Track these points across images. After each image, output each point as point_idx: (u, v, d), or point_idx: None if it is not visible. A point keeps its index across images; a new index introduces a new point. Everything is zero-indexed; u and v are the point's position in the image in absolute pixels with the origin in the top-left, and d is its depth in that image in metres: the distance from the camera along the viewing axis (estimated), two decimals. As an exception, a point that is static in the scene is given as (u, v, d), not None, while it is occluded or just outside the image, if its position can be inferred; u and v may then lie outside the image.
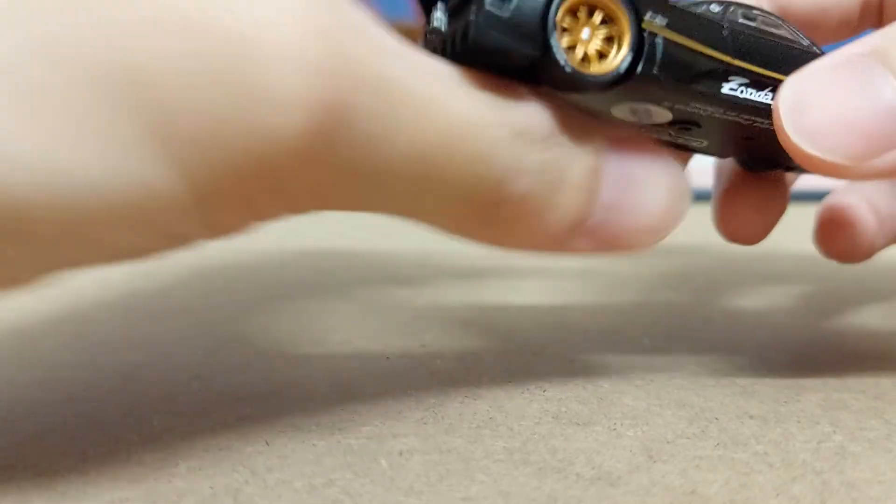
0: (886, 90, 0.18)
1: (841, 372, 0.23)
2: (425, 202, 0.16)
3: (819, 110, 0.18)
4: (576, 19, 0.17)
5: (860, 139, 0.18)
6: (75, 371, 0.23)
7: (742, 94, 0.18)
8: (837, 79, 0.18)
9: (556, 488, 0.16)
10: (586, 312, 0.31)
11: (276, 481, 0.16)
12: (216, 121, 0.13)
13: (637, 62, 0.17)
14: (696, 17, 0.18)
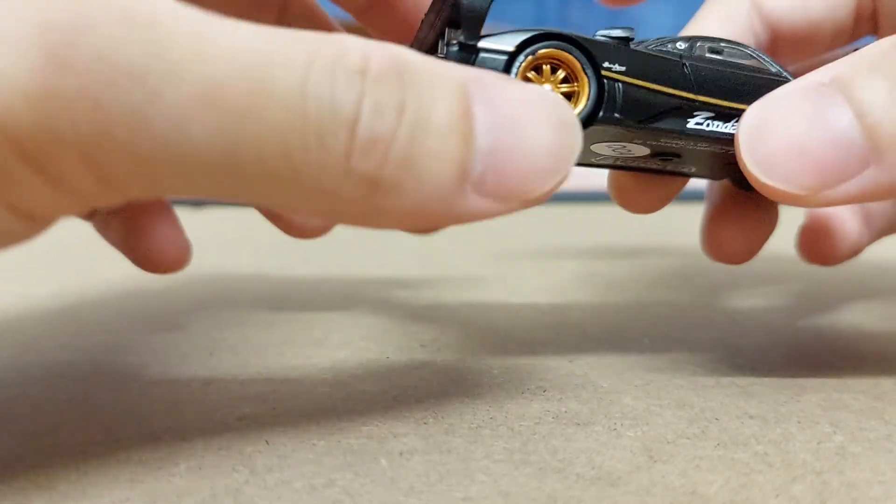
0: (842, 120, 0.17)
1: (841, 372, 0.23)
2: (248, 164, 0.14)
3: (775, 139, 0.18)
4: (539, 75, 0.18)
5: (813, 170, 0.17)
6: (75, 371, 0.23)
7: (708, 127, 0.19)
8: (795, 107, 0.18)
9: (557, 488, 0.16)
10: (586, 312, 0.31)
11: (276, 481, 0.16)
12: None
13: (598, 108, 0.18)
14: (656, 58, 0.19)
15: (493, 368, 0.23)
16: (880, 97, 0.17)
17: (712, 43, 0.20)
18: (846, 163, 0.17)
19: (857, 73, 0.17)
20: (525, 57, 0.18)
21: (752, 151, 0.18)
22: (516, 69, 0.18)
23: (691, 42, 0.20)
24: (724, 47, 0.20)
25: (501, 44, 0.18)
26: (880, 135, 0.17)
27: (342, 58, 0.14)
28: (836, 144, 0.17)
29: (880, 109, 0.17)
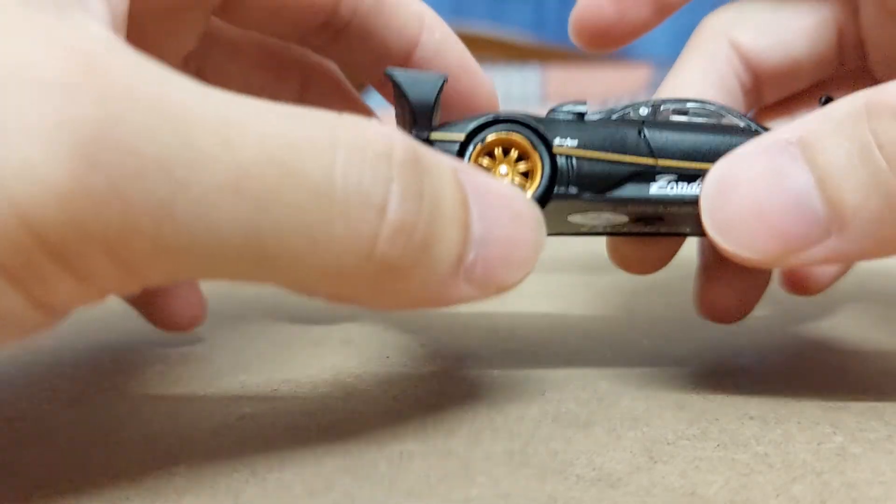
0: (803, 186, 0.17)
1: (841, 373, 0.23)
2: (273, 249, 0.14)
3: (735, 204, 0.17)
4: (493, 159, 0.19)
5: (774, 237, 0.17)
6: (76, 371, 0.23)
7: (673, 190, 0.19)
8: (756, 168, 0.17)
9: (557, 490, 0.16)
10: (586, 313, 0.31)
11: (277, 482, 0.16)
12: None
13: (553, 185, 0.19)
14: (609, 128, 0.19)
15: (493, 370, 0.23)
16: (842, 164, 0.16)
17: (679, 104, 0.20)
18: (807, 230, 0.17)
19: (821, 136, 0.17)
20: (474, 146, 0.19)
21: (712, 215, 0.17)
22: (468, 158, 0.19)
23: (655, 106, 0.20)
24: (689, 107, 0.20)
25: (452, 134, 0.19)
26: (842, 205, 0.16)
27: (368, 142, 0.14)
28: (797, 211, 0.17)
29: (842, 177, 0.16)
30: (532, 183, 0.19)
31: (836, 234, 0.17)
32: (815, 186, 0.17)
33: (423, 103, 0.19)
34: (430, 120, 0.19)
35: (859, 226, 0.16)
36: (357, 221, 0.14)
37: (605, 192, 0.19)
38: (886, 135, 0.16)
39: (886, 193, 0.16)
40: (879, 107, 0.16)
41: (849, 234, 0.17)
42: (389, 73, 0.19)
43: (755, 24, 0.25)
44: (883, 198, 0.16)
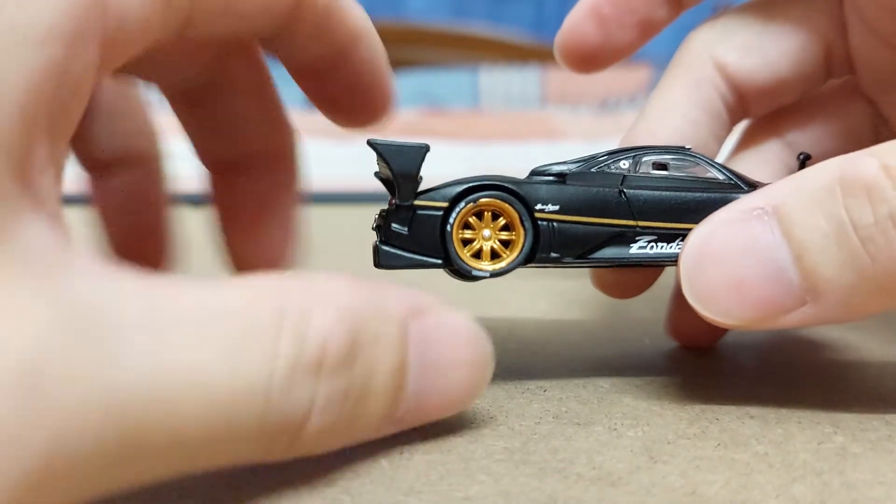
0: (780, 259, 0.17)
1: (842, 372, 0.23)
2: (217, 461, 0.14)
3: (713, 275, 0.18)
4: (480, 220, 0.19)
5: (751, 306, 0.18)
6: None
7: (652, 250, 0.20)
8: (732, 239, 0.18)
9: (557, 488, 0.16)
10: (586, 312, 0.31)
11: (277, 481, 0.16)
12: None
13: (534, 252, 0.19)
14: (590, 191, 0.20)
15: (494, 368, 0.23)
16: (818, 239, 0.17)
17: (659, 156, 0.21)
18: (783, 300, 0.17)
19: (797, 209, 0.17)
20: (465, 204, 0.19)
21: (691, 285, 0.18)
22: (453, 222, 0.19)
23: (636, 158, 0.20)
24: (669, 160, 0.20)
25: (436, 201, 0.19)
26: (817, 278, 0.17)
27: (302, 353, 0.14)
28: (774, 282, 0.17)
29: (818, 252, 0.17)
30: (514, 250, 0.20)
31: (811, 303, 0.17)
32: (791, 260, 0.17)
33: (407, 173, 0.19)
34: (414, 188, 0.19)
35: (833, 297, 0.17)
36: (276, 441, 0.15)
37: (585, 255, 0.20)
38: (861, 217, 0.17)
39: (860, 270, 0.17)
40: (854, 184, 0.17)
41: (823, 304, 0.17)
42: (371, 143, 0.19)
43: (740, 44, 0.25)
44: (856, 274, 0.17)
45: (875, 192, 0.16)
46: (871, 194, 0.16)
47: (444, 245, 0.19)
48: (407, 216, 0.19)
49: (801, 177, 0.18)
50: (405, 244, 0.19)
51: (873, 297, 0.17)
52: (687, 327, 0.25)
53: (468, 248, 0.19)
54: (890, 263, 0.16)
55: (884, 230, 0.16)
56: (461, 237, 0.19)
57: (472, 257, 0.19)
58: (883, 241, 0.16)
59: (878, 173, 0.16)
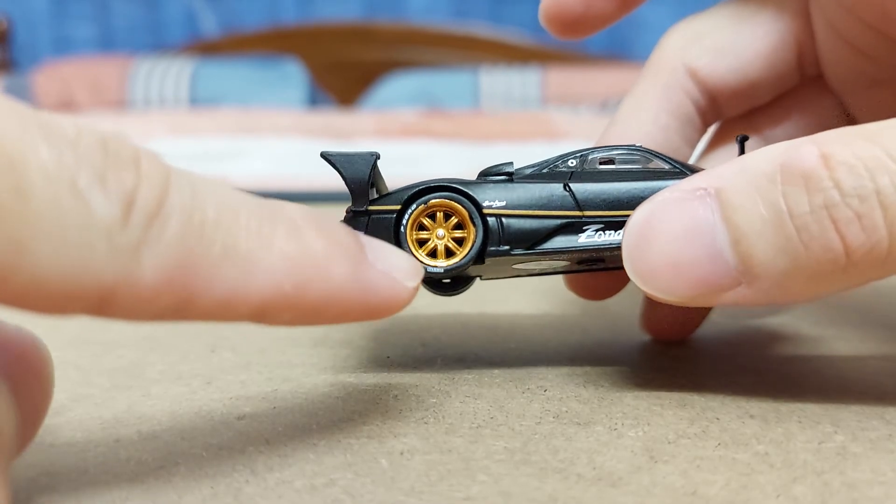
0: (718, 241, 0.18)
1: (842, 372, 0.23)
2: None
3: (654, 254, 0.18)
4: (433, 221, 0.20)
5: (690, 284, 0.18)
6: (75, 371, 0.23)
7: (600, 238, 0.20)
8: (673, 219, 0.18)
9: (558, 488, 0.16)
10: (586, 311, 0.31)
11: (277, 481, 0.16)
12: None
13: (485, 245, 0.20)
14: (535, 186, 0.21)
15: (494, 368, 0.23)
16: (756, 225, 0.17)
17: (606, 153, 0.21)
18: (720, 279, 0.18)
19: (739, 192, 0.18)
20: (417, 206, 0.20)
21: (633, 264, 0.19)
22: (406, 222, 0.20)
23: (583, 157, 0.21)
24: (615, 156, 0.21)
25: (389, 205, 0.20)
26: (752, 262, 0.17)
27: None
28: (711, 262, 0.18)
29: (755, 237, 0.17)
30: (466, 246, 0.20)
31: (746, 284, 0.18)
32: (728, 243, 0.18)
33: (358, 180, 0.20)
34: (367, 194, 0.20)
35: (767, 280, 0.18)
36: None
37: (534, 246, 0.20)
38: (797, 205, 0.17)
39: (793, 256, 0.17)
40: (793, 172, 0.17)
41: (757, 287, 0.18)
42: (324, 155, 0.20)
43: (711, 47, 0.25)
44: (790, 260, 0.17)
45: (812, 182, 0.17)
46: (808, 183, 0.17)
47: (399, 246, 0.20)
48: (363, 221, 0.20)
49: (744, 161, 0.18)
50: None
51: (805, 283, 0.17)
52: (659, 321, 0.26)
53: (424, 247, 0.20)
54: (822, 252, 0.17)
55: (818, 219, 0.17)
56: (417, 238, 0.20)
57: (429, 256, 0.20)
58: (816, 229, 0.17)
59: (816, 163, 0.17)
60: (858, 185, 0.16)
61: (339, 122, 1.41)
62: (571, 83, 1.70)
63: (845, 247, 0.17)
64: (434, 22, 1.95)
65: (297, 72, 1.76)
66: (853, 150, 0.17)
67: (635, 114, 0.25)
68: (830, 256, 0.17)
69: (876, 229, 0.16)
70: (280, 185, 0.85)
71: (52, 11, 1.98)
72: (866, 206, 0.16)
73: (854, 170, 0.16)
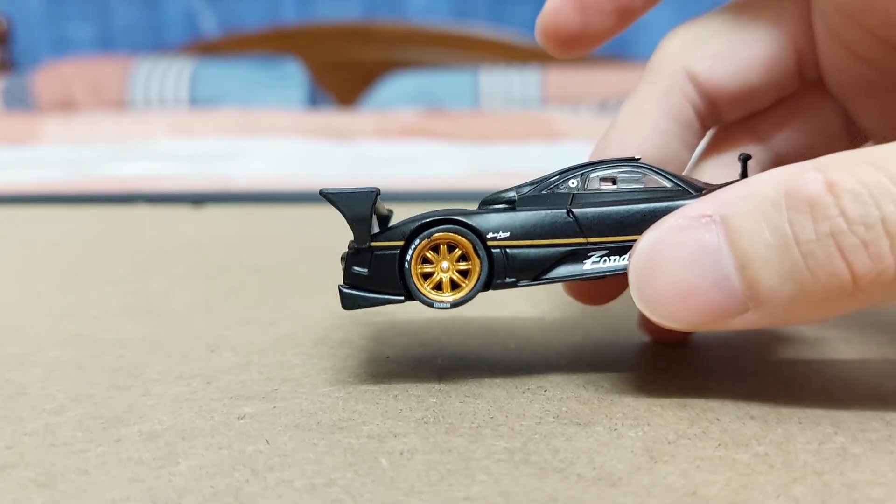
0: (724, 268, 0.18)
1: (843, 373, 0.23)
2: None
3: (661, 282, 0.18)
4: (437, 254, 0.20)
5: (697, 312, 0.18)
6: (76, 370, 0.23)
7: (605, 264, 0.20)
8: (679, 247, 0.18)
9: (558, 488, 0.16)
10: (586, 312, 0.31)
11: (277, 480, 0.16)
12: None
13: (491, 279, 0.20)
14: (539, 215, 0.20)
15: (494, 368, 0.23)
16: (761, 251, 0.17)
17: (606, 170, 0.21)
18: (727, 306, 0.18)
19: (743, 219, 0.18)
20: (421, 240, 0.20)
21: (639, 291, 0.19)
22: (410, 257, 0.20)
23: (583, 176, 0.21)
24: (616, 174, 0.21)
25: (391, 241, 0.20)
26: (759, 288, 0.18)
27: None
28: (718, 290, 0.18)
29: (761, 263, 0.17)
30: (471, 279, 0.20)
31: (754, 310, 0.18)
32: (735, 269, 0.18)
33: (360, 217, 0.20)
34: (369, 231, 0.20)
35: (774, 305, 0.18)
36: None
37: (540, 275, 0.20)
38: (803, 232, 0.17)
39: (800, 283, 0.17)
40: (799, 199, 0.17)
41: (764, 312, 0.18)
42: (323, 193, 0.20)
43: (711, 52, 0.25)
44: (796, 286, 0.17)
45: (818, 210, 0.17)
46: (814, 211, 0.17)
47: (404, 281, 0.20)
48: (366, 258, 0.20)
49: (749, 186, 0.18)
50: (367, 284, 0.20)
51: (812, 308, 0.18)
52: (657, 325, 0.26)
53: (429, 280, 0.20)
54: (828, 278, 0.17)
55: (824, 247, 0.17)
56: (421, 272, 0.20)
57: (434, 289, 0.20)
58: (822, 256, 0.17)
59: (821, 190, 0.17)
60: (864, 212, 0.16)
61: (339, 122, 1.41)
62: (571, 83, 1.70)
63: (852, 274, 0.17)
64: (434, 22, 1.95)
65: (297, 72, 1.76)
66: (858, 177, 0.17)
67: (635, 118, 0.25)
68: (837, 283, 0.17)
69: (882, 258, 0.17)
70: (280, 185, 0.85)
71: (51, 12, 1.98)
72: (872, 233, 0.16)
73: (860, 197, 0.17)
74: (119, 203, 0.75)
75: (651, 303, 0.19)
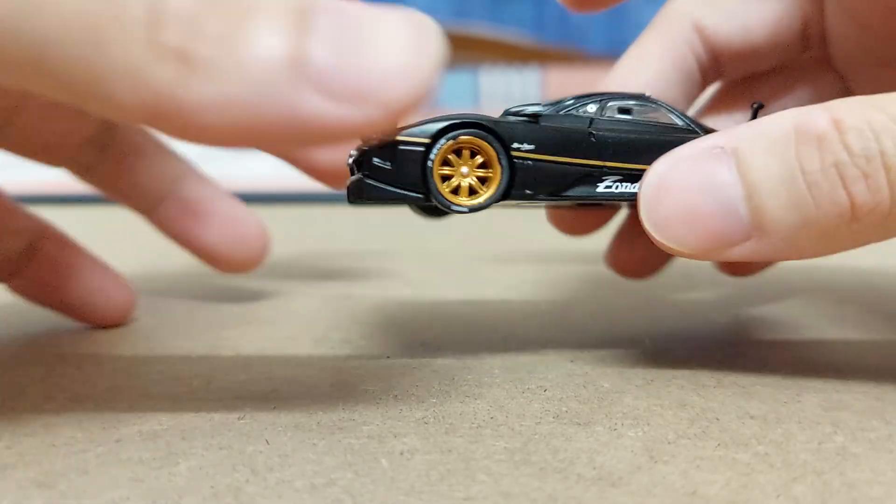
0: (732, 196, 0.19)
1: (842, 372, 0.23)
2: None
3: (670, 205, 0.19)
4: (459, 158, 0.20)
5: (702, 237, 0.19)
6: (76, 369, 0.23)
7: (617, 189, 0.21)
8: (691, 174, 0.19)
9: (558, 489, 0.16)
10: (586, 312, 0.31)
11: (277, 480, 0.16)
12: None
13: (510, 189, 0.20)
14: (563, 131, 0.20)
15: (494, 368, 0.23)
16: (770, 182, 0.18)
17: (623, 101, 0.22)
18: (731, 233, 0.19)
19: (755, 151, 0.18)
20: (446, 141, 0.20)
21: (649, 214, 0.19)
22: (434, 156, 0.20)
23: (602, 103, 0.21)
24: (633, 105, 0.22)
25: (417, 137, 0.20)
26: (764, 217, 0.18)
27: None
28: (725, 216, 0.19)
29: (768, 193, 0.18)
30: (490, 186, 0.20)
31: (756, 238, 0.19)
32: (742, 198, 0.18)
33: None
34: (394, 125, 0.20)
35: (777, 235, 0.18)
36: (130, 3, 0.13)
37: (556, 192, 0.20)
38: (809, 164, 0.18)
39: (804, 212, 0.18)
40: (807, 134, 0.18)
41: (767, 240, 0.19)
42: None
43: (721, 9, 0.26)
44: (800, 215, 0.18)
45: (824, 143, 0.18)
46: (821, 144, 0.18)
47: (424, 180, 0.20)
48: (390, 152, 0.20)
49: (760, 123, 0.19)
50: (387, 178, 0.20)
51: (812, 239, 0.18)
52: (625, 259, 0.28)
53: (446, 184, 0.20)
54: (830, 207, 0.18)
55: (828, 177, 0.18)
56: (440, 173, 0.20)
57: (451, 193, 0.20)
58: (826, 186, 0.18)
59: (828, 126, 0.18)
60: (865, 146, 0.17)
61: (338, 122, 1.41)
62: (571, 83, 1.70)
63: (852, 203, 0.18)
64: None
65: (297, 72, 1.75)
66: (862, 116, 0.18)
67: (640, 61, 0.26)
68: (837, 212, 0.18)
69: (879, 189, 0.17)
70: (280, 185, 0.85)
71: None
72: (872, 166, 0.17)
73: (862, 133, 0.18)
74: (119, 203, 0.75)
75: (658, 225, 0.19)
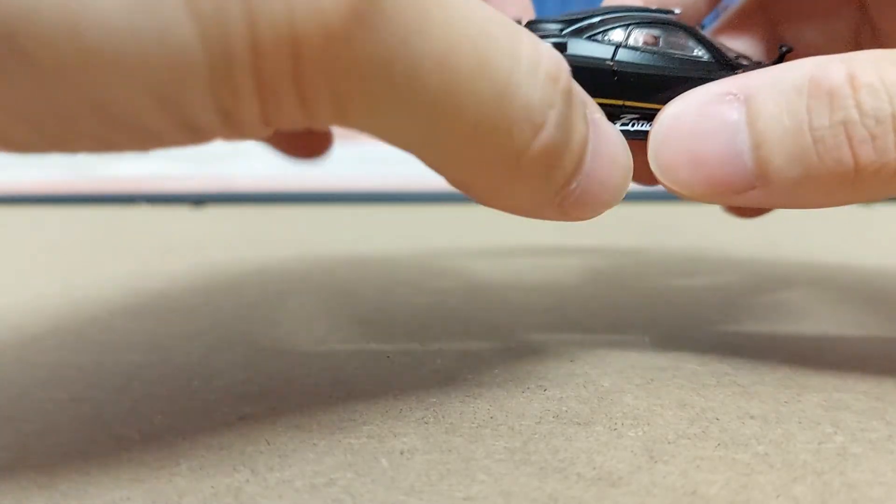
0: (739, 144, 0.19)
1: (842, 372, 0.23)
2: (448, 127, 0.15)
3: (677, 147, 0.19)
4: None
5: (707, 182, 0.19)
6: (77, 370, 0.23)
7: (633, 127, 0.21)
8: (700, 119, 0.19)
9: (558, 488, 0.16)
10: (586, 311, 0.31)
11: (277, 480, 0.16)
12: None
13: None
14: (587, 69, 0.20)
15: (494, 367, 0.23)
16: (778, 133, 0.18)
17: (649, 30, 0.21)
18: (736, 180, 0.19)
19: (766, 101, 0.18)
20: None
21: (656, 155, 0.19)
22: None
23: (629, 29, 0.21)
24: (660, 34, 0.21)
25: None
26: (769, 168, 0.18)
27: (541, 60, 0.16)
28: (730, 164, 0.19)
29: (774, 144, 0.18)
30: None
31: (760, 188, 0.19)
32: (749, 147, 0.19)
33: None
34: None
35: (779, 185, 0.19)
36: (519, 131, 0.16)
37: None
38: (818, 118, 0.18)
39: (807, 166, 0.18)
40: (820, 87, 0.18)
41: (770, 189, 0.19)
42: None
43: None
44: (804, 169, 0.18)
45: (836, 99, 0.18)
46: (832, 100, 0.18)
47: None
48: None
49: (776, 71, 0.19)
50: None
51: (814, 192, 0.18)
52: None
53: None
54: (833, 164, 0.18)
55: (834, 134, 0.18)
56: None
57: None
58: (832, 143, 0.18)
59: (842, 81, 0.18)
60: (877, 107, 0.17)
61: (339, 122, 1.41)
62: (572, 83, 1.70)
63: (856, 163, 0.18)
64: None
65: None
66: (879, 74, 0.17)
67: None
68: (840, 170, 0.18)
69: (886, 151, 0.17)
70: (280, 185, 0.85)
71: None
72: (881, 128, 0.17)
73: (876, 92, 0.17)
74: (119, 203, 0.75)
75: (664, 167, 0.19)
